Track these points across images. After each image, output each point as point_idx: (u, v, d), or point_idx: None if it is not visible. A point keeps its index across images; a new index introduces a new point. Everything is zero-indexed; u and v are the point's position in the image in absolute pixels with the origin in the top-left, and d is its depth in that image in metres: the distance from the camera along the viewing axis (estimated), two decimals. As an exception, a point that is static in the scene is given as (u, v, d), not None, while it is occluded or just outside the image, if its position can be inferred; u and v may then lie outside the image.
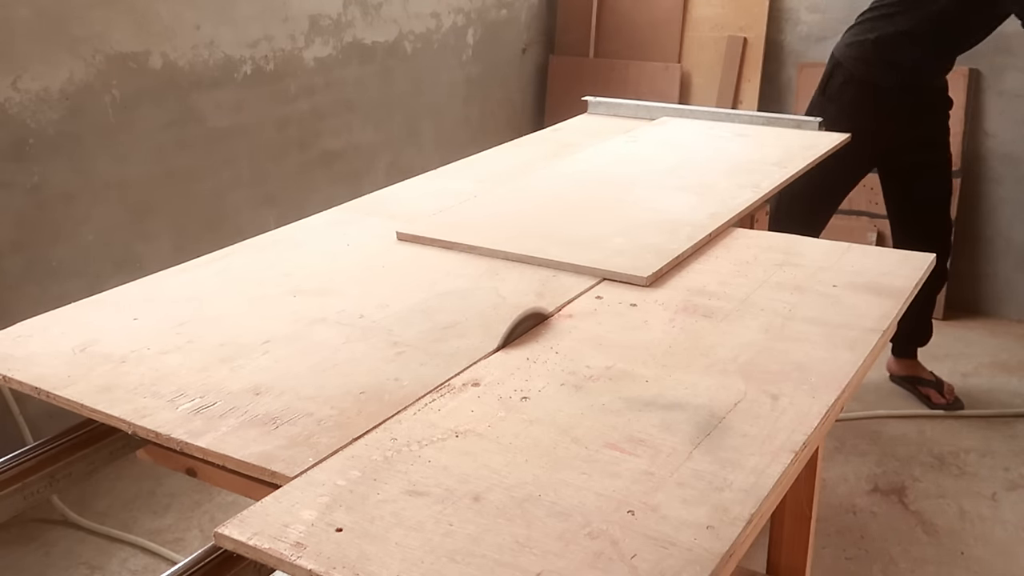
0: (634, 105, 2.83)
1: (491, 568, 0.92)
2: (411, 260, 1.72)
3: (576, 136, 2.65)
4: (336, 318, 1.47)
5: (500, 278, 1.63)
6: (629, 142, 2.46)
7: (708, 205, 1.94)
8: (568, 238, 1.75)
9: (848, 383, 1.28)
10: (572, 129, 2.75)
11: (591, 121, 2.83)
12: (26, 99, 2.34)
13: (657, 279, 1.60)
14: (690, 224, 1.82)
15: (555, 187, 2.11)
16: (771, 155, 2.30)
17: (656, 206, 1.95)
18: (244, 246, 1.79)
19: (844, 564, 2.27)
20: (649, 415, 1.20)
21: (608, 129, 2.69)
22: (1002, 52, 3.43)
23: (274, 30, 2.96)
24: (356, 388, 1.25)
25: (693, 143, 2.46)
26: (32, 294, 2.39)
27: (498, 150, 2.50)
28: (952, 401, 2.98)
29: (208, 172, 2.83)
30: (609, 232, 1.79)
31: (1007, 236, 3.58)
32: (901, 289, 1.59)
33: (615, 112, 2.85)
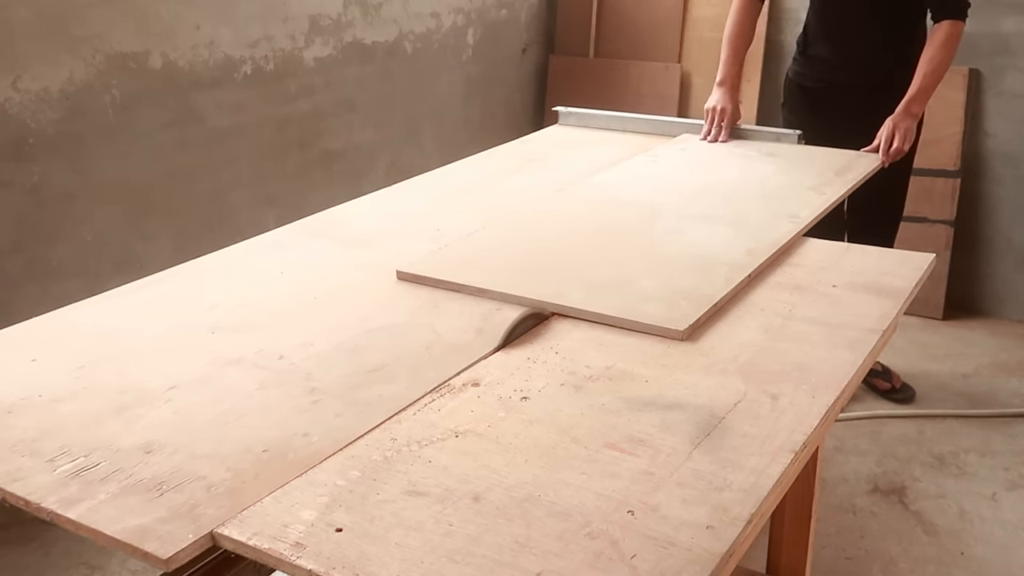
0: (606, 116, 2.68)
1: (491, 568, 0.92)
2: (347, 290, 1.60)
3: (545, 148, 2.49)
4: (253, 359, 1.35)
5: (439, 312, 1.50)
6: (650, 162, 2.31)
7: (743, 239, 1.76)
8: (588, 279, 1.58)
9: (848, 383, 1.29)
10: (541, 141, 2.59)
11: (561, 132, 2.68)
12: (26, 99, 2.34)
13: (694, 331, 1.43)
14: (727, 263, 1.64)
15: (569, 215, 1.93)
16: (804, 179, 2.15)
17: (685, 239, 1.78)
18: (175, 272, 1.68)
19: (844, 564, 2.26)
20: (649, 415, 1.20)
21: (579, 140, 2.56)
22: (1002, 52, 3.43)
23: (274, 30, 2.96)
24: (259, 445, 1.13)
25: (719, 165, 2.31)
26: (32, 294, 2.39)
27: (460, 164, 2.35)
28: (900, 386, 2.97)
29: (208, 172, 2.83)
30: (635, 272, 1.61)
31: (1007, 236, 3.58)
32: (901, 289, 1.59)
33: (586, 123, 2.70)
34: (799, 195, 2.03)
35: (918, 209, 3.55)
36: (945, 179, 3.51)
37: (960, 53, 3.50)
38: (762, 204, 1.97)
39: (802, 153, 2.38)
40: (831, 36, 2.69)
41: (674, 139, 2.52)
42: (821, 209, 1.91)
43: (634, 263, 1.66)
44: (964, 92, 3.47)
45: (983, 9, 3.40)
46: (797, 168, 2.24)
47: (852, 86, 2.66)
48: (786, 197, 2.01)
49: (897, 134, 2.39)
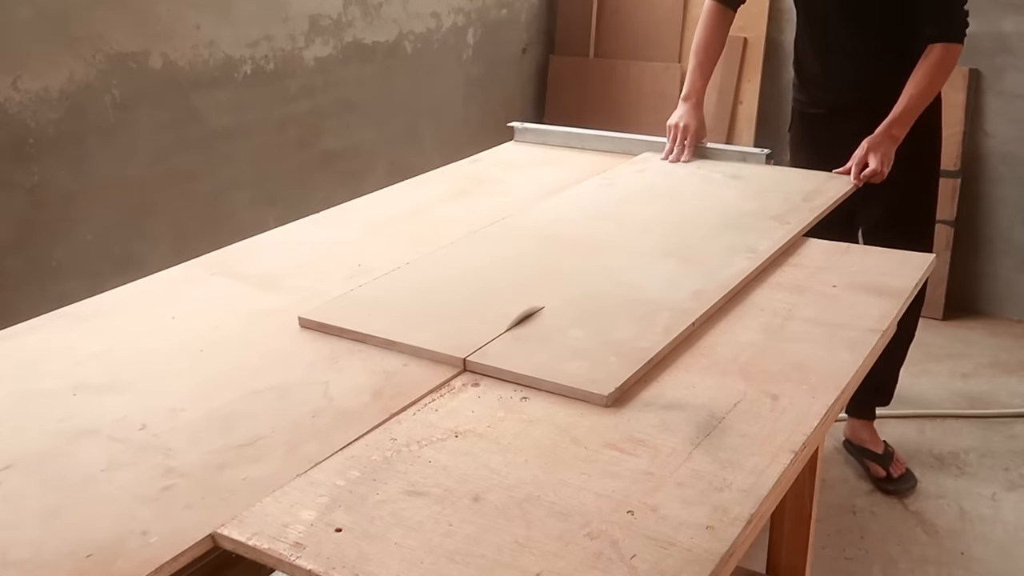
0: (563, 132, 2.50)
1: (491, 568, 0.92)
2: (240, 340, 1.43)
3: (495, 170, 2.30)
4: (111, 429, 1.19)
5: (337, 369, 1.34)
6: (603, 186, 2.12)
7: (693, 278, 1.58)
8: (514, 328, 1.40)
9: (848, 383, 1.29)
10: (492, 161, 2.39)
11: (516, 151, 2.49)
12: (26, 99, 2.33)
13: (622, 395, 1.24)
14: (670, 308, 1.47)
15: (504, 251, 1.73)
16: (769, 205, 1.96)
17: (629, 278, 1.60)
18: (56, 316, 1.52)
19: (844, 564, 2.27)
20: (649, 415, 1.20)
21: (533, 160, 2.38)
22: (1002, 52, 3.43)
23: (274, 30, 2.95)
24: (85, 547, 0.96)
25: (679, 188, 2.11)
26: (32, 294, 2.39)
27: (400, 187, 2.16)
28: (899, 476, 2.56)
29: (208, 172, 2.83)
30: (567, 319, 1.44)
31: (1007, 236, 3.57)
32: (901, 289, 1.59)
33: (543, 140, 2.52)
34: (760, 225, 1.84)
35: (918, 209, 3.55)
36: (945, 179, 3.50)
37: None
38: (719, 236, 1.79)
39: (769, 175, 2.20)
40: (823, 59, 2.44)
41: (635, 158, 2.33)
42: (783, 242, 1.74)
43: (568, 308, 1.48)
44: (964, 92, 3.48)
45: (983, 9, 3.40)
46: (762, 192, 2.05)
47: (852, 110, 2.35)
48: (746, 227, 1.83)
49: (873, 156, 2.15)
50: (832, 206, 1.97)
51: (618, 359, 1.31)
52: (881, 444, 2.63)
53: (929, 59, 2.21)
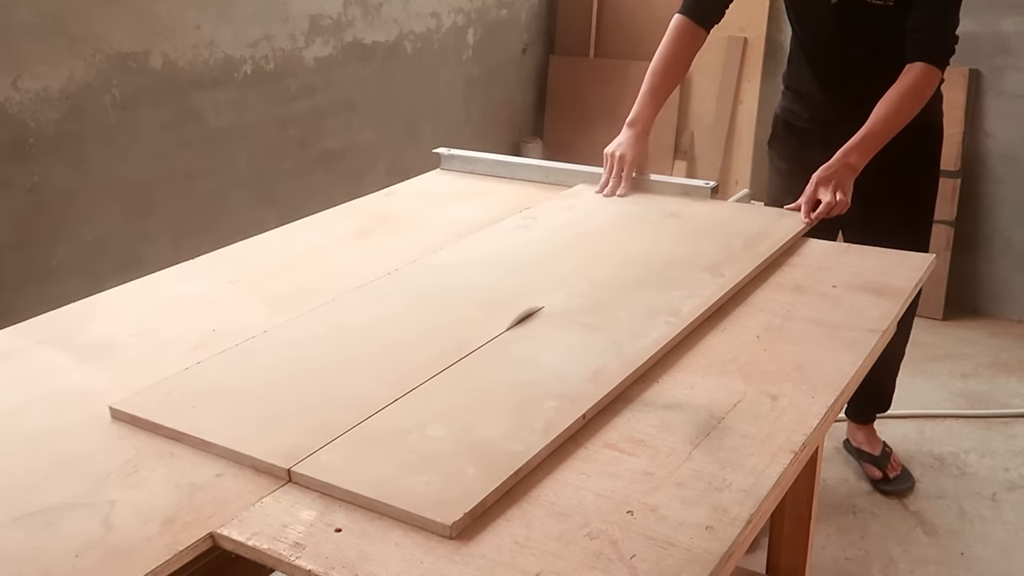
0: (492, 161, 2.25)
1: (491, 568, 0.92)
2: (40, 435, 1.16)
3: (410, 205, 2.04)
4: None
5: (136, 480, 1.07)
6: (521, 227, 1.86)
7: (597, 351, 1.32)
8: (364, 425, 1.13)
9: (848, 383, 1.29)
10: (409, 194, 2.14)
11: (438, 181, 2.23)
12: (26, 99, 2.34)
13: (472, 521, 0.98)
14: (559, 395, 1.19)
15: (378, 315, 1.46)
16: (704, 252, 1.69)
17: (518, 352, 1.33)
18: None
19: (844, 564, 2.26)
20: (649, 415, 1.20)
21: (454, 193, 2.12)
22: (1002, 52, 3.43)
23: (274, 30, 2.96)
24: None
25: (606, 230, 1.86)
26: (32, 294, 2.39)
27: (296, 227, 1.92)
28: (895, 477, 2.53)
29: (208, 172, 2.83)
30: (430, 411, 1.16)
31: (1007, 236, 3.57)
32: (901, 289, 1.59)
33: (471, 168, 2.26)
34: (690, 278, 1.58)
35: (918, 209, 3.55)
36: (945, 179, 3.50)
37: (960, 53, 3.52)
38: (638, 292, 1.53)
39: (712, 212, 1.94)
40: (817, 71, 2.27)
41: (567, 191, 2.08)
42: (711, 300, 1.49)
43: (434, 394, 1.21)
44: (964, 92, 3.48)
45: (983, 9, 3.40)
46: (700, 234, 1.81)
47: (850, 125, 2.02)
48: (673, 280, 1.57)
49: (823, 190, 1.88)
50: (780, 250, 1.72)
51: (478, 470, 1.04)
52: (879, 445, 2.62)
53: (906, 80, 1.98)
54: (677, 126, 3.96)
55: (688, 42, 2.19)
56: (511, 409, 1.17)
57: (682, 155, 3.97)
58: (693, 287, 1.54)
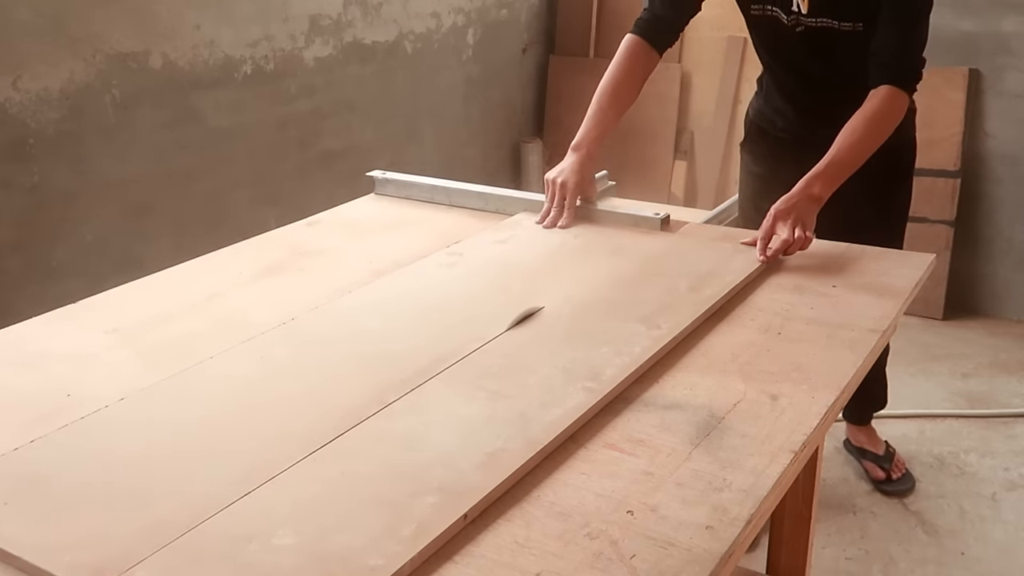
0: (429, 185, 2.05)
1: (491, 568, 0.92)
2: None
3: (332, 237, 1.85)
4: None
5: None
6: (446, 264, 1.67)
7: (498, 427, 1.13)
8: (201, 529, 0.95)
9: (848, 383, 1.29)
10: (336, 223, 1.94)
11: (371, 207, 2.04)
12: (26, 99, 2.34)
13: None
14: (441, 488, 1.01)
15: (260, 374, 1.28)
16: (645, 297, 1.50)
17: (407, 426, 1.14)
18: None
19: (844, 564, 2.27)
20: (649, 415, 1.20)
21: (382, 223, 1.93)
22: (1002, 52, 3.43)
23: (274, 30, 2.96)
24: None
25: (540, 270, 1.65)
26: (32, 294, 2.39)
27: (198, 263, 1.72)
28: (898, 478, 2.53)
29: (208, 172, 2.83)
30: (278, 513, 0.97)
31: (1007, 236, 3.57)
32: (901, 289, 1.59)
33: (407, 193, 2.07)
34: (623, 331, 1.38)
35: (918, 209, 3.53)
36: (945, 179, 3.51)
37: (960, 53, 3.54)
38: (559, 350, 1.33)
39: (662, 247, 1.74)
40: (785, 92, 2.20)
41: (505, 221, 1.90)
42: (641, 360, 1.29)
43: (291, 490, 1.02)
44: (964, 92, 3.47)
45: (983, 9, 3.41)
46: (643, 275, 1.61)
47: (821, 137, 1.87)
48: (604, 334, 1.37)
49: (781, 225, 1.69)
50: (729, 294, 1.53)
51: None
52: (882, 445, 2.62)
53: (871, 105, 1.82)
54: (677, 126, 3.96)
55: (640, 64, 2.04)
56: (380, 508, 0.97)
57: (682, 155, 3.97)
58: (623, 342, 1.34)
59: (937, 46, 3.49)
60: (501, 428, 1.12)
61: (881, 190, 2.14)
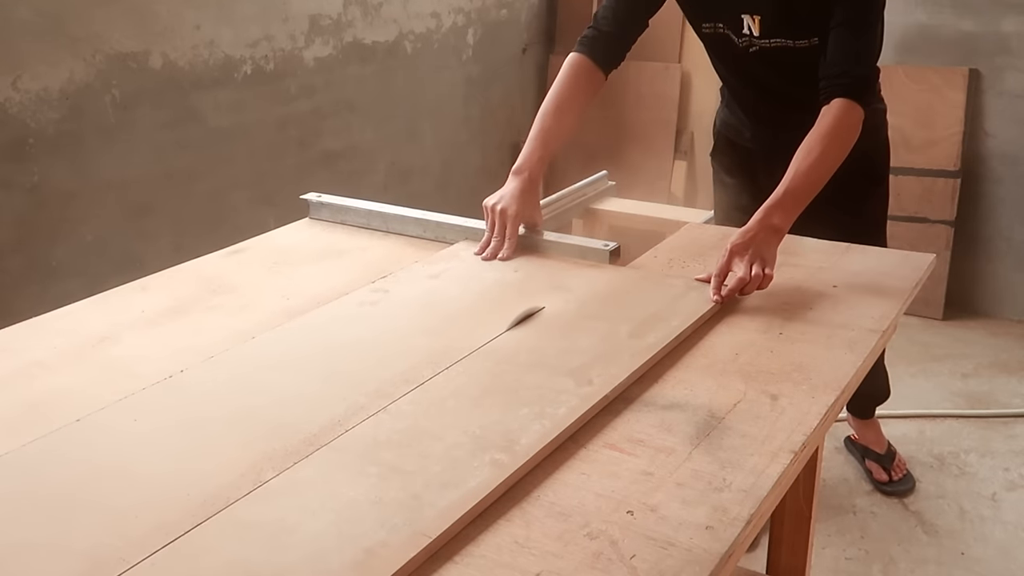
0: (365, 210, 1.92)
1: (491, 568, 0.92)
2: None
3: (251, 269, 1.70)
4: None
5: None
6: (368, 303, 1.51)
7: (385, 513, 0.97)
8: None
9: (848, 383, 1.29)
10: (261, 251, 1.80)
11: (303, 234, 1.91)
12: (26, 99, 2.34)
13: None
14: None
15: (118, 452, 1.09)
16: (580, 346, 1.34)
17: (279, 515, 0.97)
18: None
19: (844, 564, 2.27)
20: (649, 415, 1.20)
21: (318, 250, 1.80)
22: (1002, 52, 3.43)
23: (274, 30, 2.96)
24: None
25: (470, 308, 1.49)
26: (32, 294, 2.39)
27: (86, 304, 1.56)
28: (900, 479, 2.54)
29: (208, 172, 2.83)
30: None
31: (1007, 236, 3.58)
32: (901, 289, 1.59)
33: (342, 218, 1.94)
34: (548, 387, 1.22)
35: (918, 209, 3.55)
36: (945, 179, 3.51)
37: (960, 53, 3.54)
38: (475, 411, 1.17)
39: (607, 284, 1.58)
40: (745, 107, 2.16)
41: (442, 252, 1.75)
42: (563, 426, 1.13)
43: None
44: (964, 92, 3.47)
45: (983, 9, 3.41)
46: (582, 317, 1.45)
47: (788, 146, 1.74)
48: (527, 391, 1.22)
49: (738, 262, 1.55)
50: (674, 342, 1.37)
51: None
52: (885, 443, 2.62)
53: (826, 122, 1.70)
54: (677, 126, 3.96)
55: (584, 84, 1.91)
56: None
57: (681, 155, 3.96)
58: (547, 402, 1.18)
59: (937, 46, 3.53)
60: (388, 515, 0.96)
61: (856, 194, 2.07)
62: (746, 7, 1.91)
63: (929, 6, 3.50)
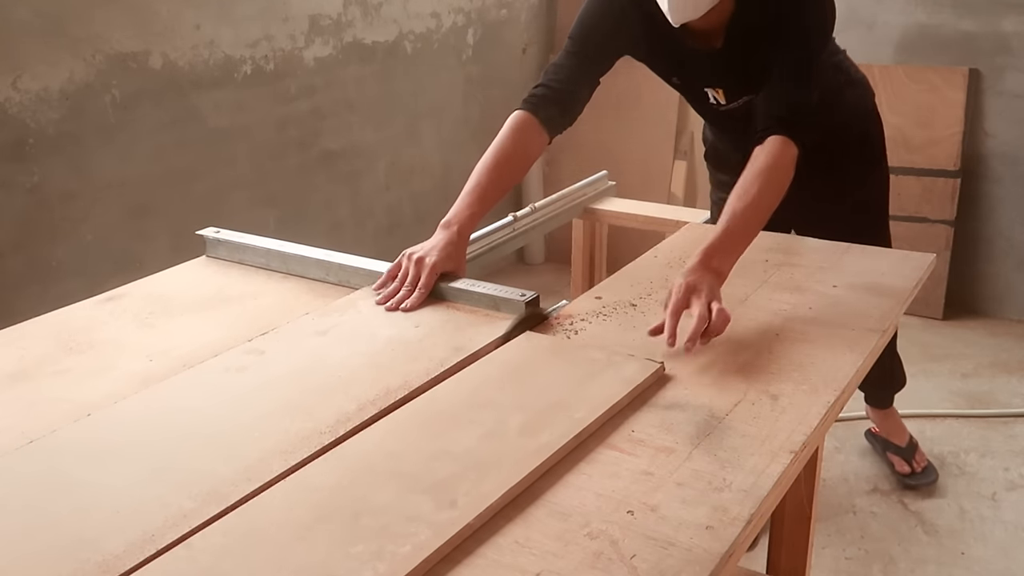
0: (264, 249, 1.75)
1: (491, 568, 0.92)
2: None
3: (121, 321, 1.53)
4: None
5: None
6: (235, 368, 1.33)
7: None
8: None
9: (848, 383, 1.29)
10: (140, 296, 1.63)
11: (198, 274, 1.74)
12: (26, 99, 2.34)
13: None
14: None
15: None
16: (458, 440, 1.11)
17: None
18: None
19: (844, 564, 2.27)
20: (649, 415, 1.20)
21: (204, 296, 1.63)
22: (1002, 52, 3.43)
23: (274, 30, 2.96)
24: None
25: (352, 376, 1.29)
26: (32, 294, 2.39)
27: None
28: (922, 470, 2.55)
29: (208, 172, 2.83)
30: None
31: (1007, 236, 3.58)
32: (901, 289, 1.59)
33: (240, 257, 1.78)
34: (400, 510, 0.98)
35: (918, 209, 3.55)
36: (945, 179, 3.51)
37: (960, 53, 3.54)
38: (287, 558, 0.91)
39: (516, 353, 1.35)
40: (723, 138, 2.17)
41: (340, 300, 1.57)
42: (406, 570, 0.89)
43: None
44: (964, 92, 3.47)
45: (983, 9, 3.41)
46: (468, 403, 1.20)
47: None
48: (369, 516, 0.97)
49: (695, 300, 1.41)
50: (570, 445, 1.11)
51: None
52: (906, 435, 2.62)
53: (760, 160, 1.62)
54: (677, 126, 3.95)
55: (527, 143, 1.80)
56: None
57: (682, 155, 3.96)
58: (391, 536, 0.93)
59: (937, 46, 3.53)
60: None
61: (852, 178, 2.07)
62: (707, 83, 1.93)
63: (929, 6, 3.50)
